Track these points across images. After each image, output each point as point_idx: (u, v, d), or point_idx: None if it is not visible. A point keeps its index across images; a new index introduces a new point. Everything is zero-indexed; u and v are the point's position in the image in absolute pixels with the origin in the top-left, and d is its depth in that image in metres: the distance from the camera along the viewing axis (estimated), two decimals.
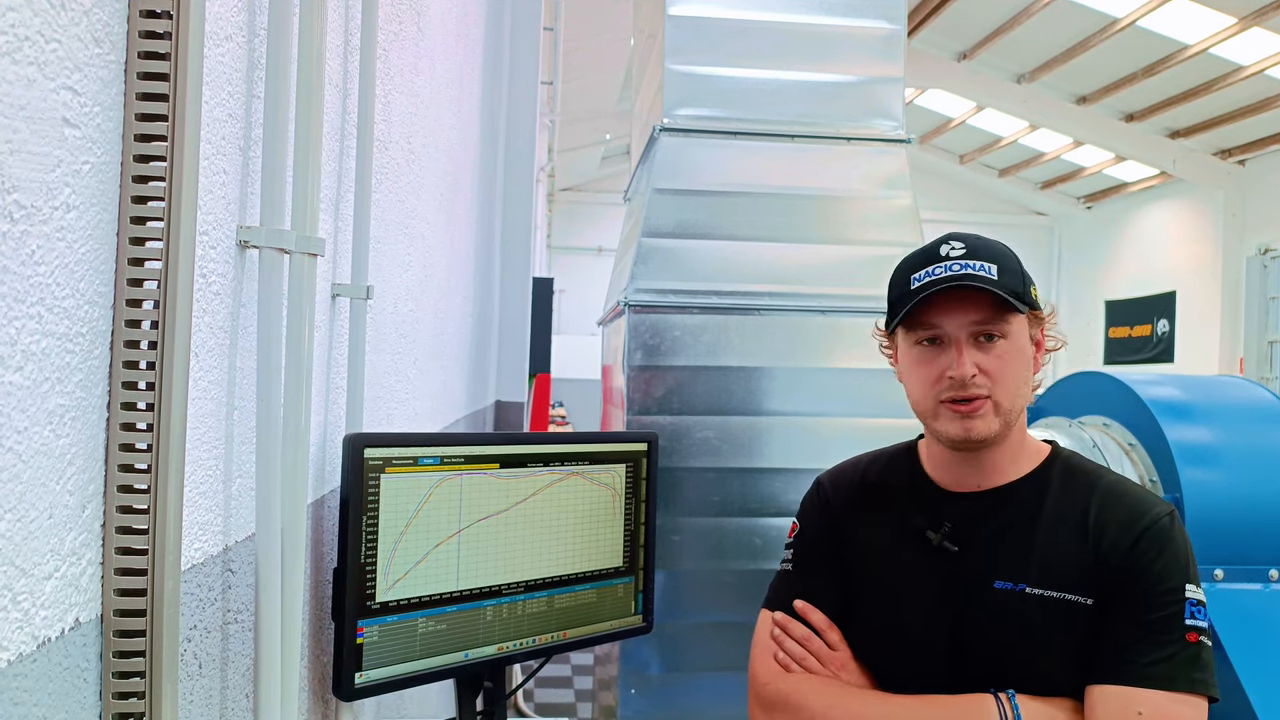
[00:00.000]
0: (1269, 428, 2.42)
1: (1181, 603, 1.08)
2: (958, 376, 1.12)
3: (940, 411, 1.15)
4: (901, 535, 1.23)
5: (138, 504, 0.70)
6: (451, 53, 2.47)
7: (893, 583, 1.22)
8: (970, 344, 1.14)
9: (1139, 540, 1.11)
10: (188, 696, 0.84)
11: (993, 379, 1.13)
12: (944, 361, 1.14)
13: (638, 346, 2.58)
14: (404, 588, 1.26)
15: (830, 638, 1.23)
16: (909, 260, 1.20)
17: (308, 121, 1.02)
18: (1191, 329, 12.26)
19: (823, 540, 1.30)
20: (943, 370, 1.14)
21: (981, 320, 1.13)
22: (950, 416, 1.14)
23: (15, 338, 0.57)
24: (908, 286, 1.16)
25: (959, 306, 1.13)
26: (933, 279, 1.13)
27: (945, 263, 1.15)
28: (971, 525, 1.19)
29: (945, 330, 1.14)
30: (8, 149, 0.55)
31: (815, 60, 2.86)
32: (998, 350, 1.14)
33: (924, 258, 1.17)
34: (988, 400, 1.13)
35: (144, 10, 0.70)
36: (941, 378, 1.14)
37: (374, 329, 1.55)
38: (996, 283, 1.11)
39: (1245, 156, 11.43)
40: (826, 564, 1.28)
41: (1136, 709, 1.04)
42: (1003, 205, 15.45)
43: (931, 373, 1.15)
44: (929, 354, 1.16)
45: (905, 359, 1.20)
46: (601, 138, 13.23)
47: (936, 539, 1.19)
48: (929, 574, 1.19)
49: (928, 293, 1.13)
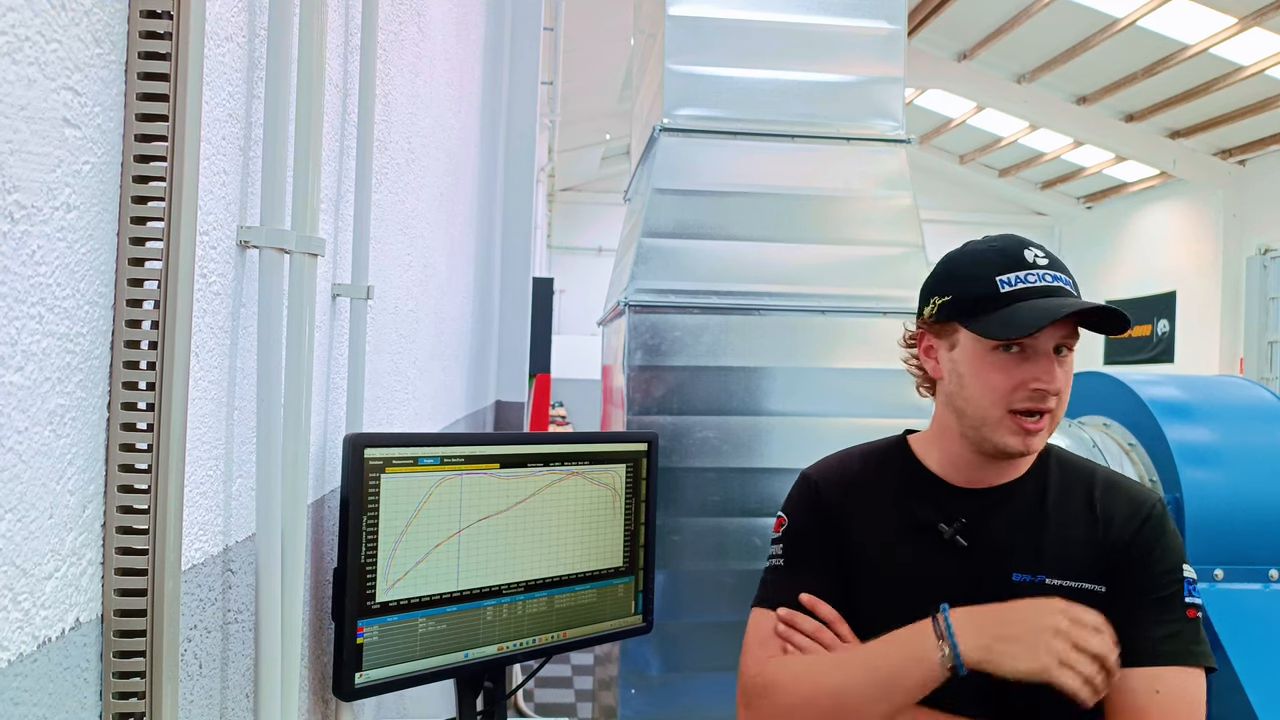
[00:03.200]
0: (1269, 428, 2.42)
1: (1181, 582, 1.15)
2: (1049, 389, 1.11)
3: (1005, 421, 1.13)
4: (904, 530, 1.22)
5: (138, 504, 0.70)
6: (452, 53, 2.47)
7: (896, 577, 1.21)
8: (1052, 357, 1.13)
9: (1143, 527, 1.17)
10: (188, 696, 0.84)
11: (1059, 395, 1.14)
12: (1027, 372, 1.12)
13: (638, 346, 2.58)
14: (404, 588, 1.26)
15: (840, 630, 1.20)
16: (986, 257, 1.16)
17: (308, 121, 1.02)
18: (1191, 329, 12.26)
19: (815, 533, 1.27)
20: (1023, 380, 1.12)
21: (1068, 335, 1.13)
22: (1014, 429, 1.13)
23: (16, 338, 0.57)
24: (995, 288, 1.12)
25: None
26: (1027, 287, 1.12)
27: (1036, 270, 1.13)
28: (982, 520, 1.19)
29: (1038, 341, 1.12)
30: (8, 149, 0.55)
31: (815, 60, 2.86)
32: (1066, 365, 1.14)
33: (1008, 260, 1.14)
34: (1049, 415, 1.14)
35: (144, 10, 0.70)
36: (1020, 387, 1.12)
37: (374, 329, 1.55)
38: (1090, 305, 1.10)
39: (1245, 156, 11.43)
40: (820, 558, 1.25)
41: (1155, 688, 1.09)
42: (1003, 205, 15.45)
43: (1009, 381, 1.12)
44: (1010, 361, 1.13)
45: (974, 362, 1.15)
46: (601, 138, 13.23)
47: (949, 533, 1.19)
48: (939, 569, 1.19)
49: (1042, 306, 1.10)
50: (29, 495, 0.59)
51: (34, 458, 0.59)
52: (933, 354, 1.22)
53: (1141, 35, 9.28)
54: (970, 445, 1.19)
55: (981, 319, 1.13)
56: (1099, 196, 14.26)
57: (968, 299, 1.15)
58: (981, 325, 1.13)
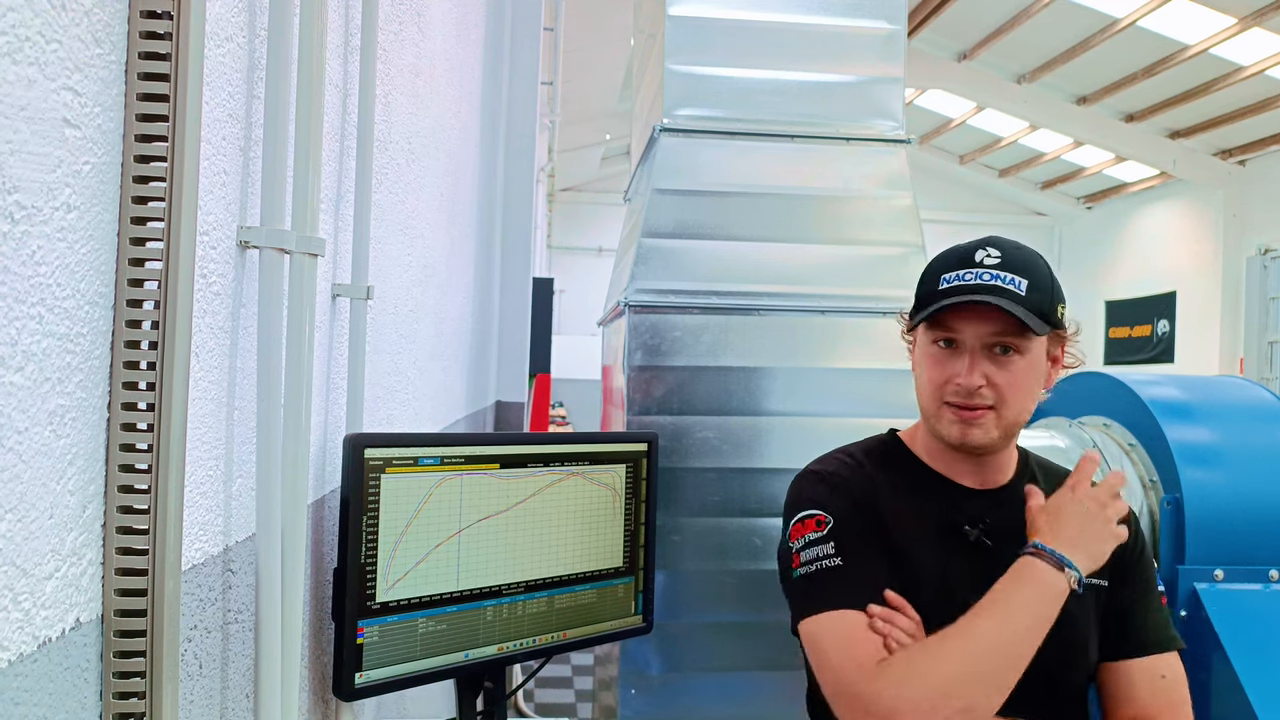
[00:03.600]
0: (1269, 428, 2.42)
1: (1154, 568, 1.26)
2: (965, 386, 1.14)
3: (942, 413, 1.18)
4: (925, 528, 1.22)
5: (138, 504, 0.70)
6: (452, 53, 2.47)
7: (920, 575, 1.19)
8: (984, 355, 1.15)
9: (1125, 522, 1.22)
10: (188, 696, 0.84)
11: (1000, 392, 1.15)
12: (955, 367, 1.16)
13: (638, 346, 2.58)
14: (404, 588, 1.26)
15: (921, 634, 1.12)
16: (944, 258, 1.21)
17: (308, 121, 1.02)
18: (1191, 329, 12.25)
19: (860, 523, 1.19)
20: (952, 375, 1.16)
21: (1000, 333, 1.14)
22: (950, 419, 1.17)
23: (16, 338, 0.57)
24: (936, 285, 1.18)
25: (981, 315, 1.14)
26: (960, 284, 1.15)
27: (977, 269, 1.16)
28: (997, 520, 1.22)
29: (962, 337, 1.16)
30: (8, 149, 0.55)
31: (815, 60, 2.86)
32: (1011, 365, 1.15)
33: (958, 259, 1.19)
34: (990, 411, 1.15)
35: (144, 10, 0.70)
36: (949, 381, 1.16)
37: (374, 329, 1.55)
38: (1023, 299, 1.12)
39: (1245, 156, 11.43)
40: (873, 548, 1.18)
41: (1160, 673, 1.18)
42: (1003, 205, 15.45)
43: (941, 374, 1.18)
44: (943, 356, 1.18)
45: (920, 354, 1.23)
46: (601, 138, 13.23)
47: (975, 535, 1.20)
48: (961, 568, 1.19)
49: (952, 300, 1.14)
50: (29, 495, 0.59)
51: (34, 458, 0.59)
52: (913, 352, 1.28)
53: (1141, 35, 9.28)
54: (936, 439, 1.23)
55: (916, 314, 1.21)
56: (1099, 196, 14.26)
57: (921, 297, 1.21)
58: (915, 318, 1.21)
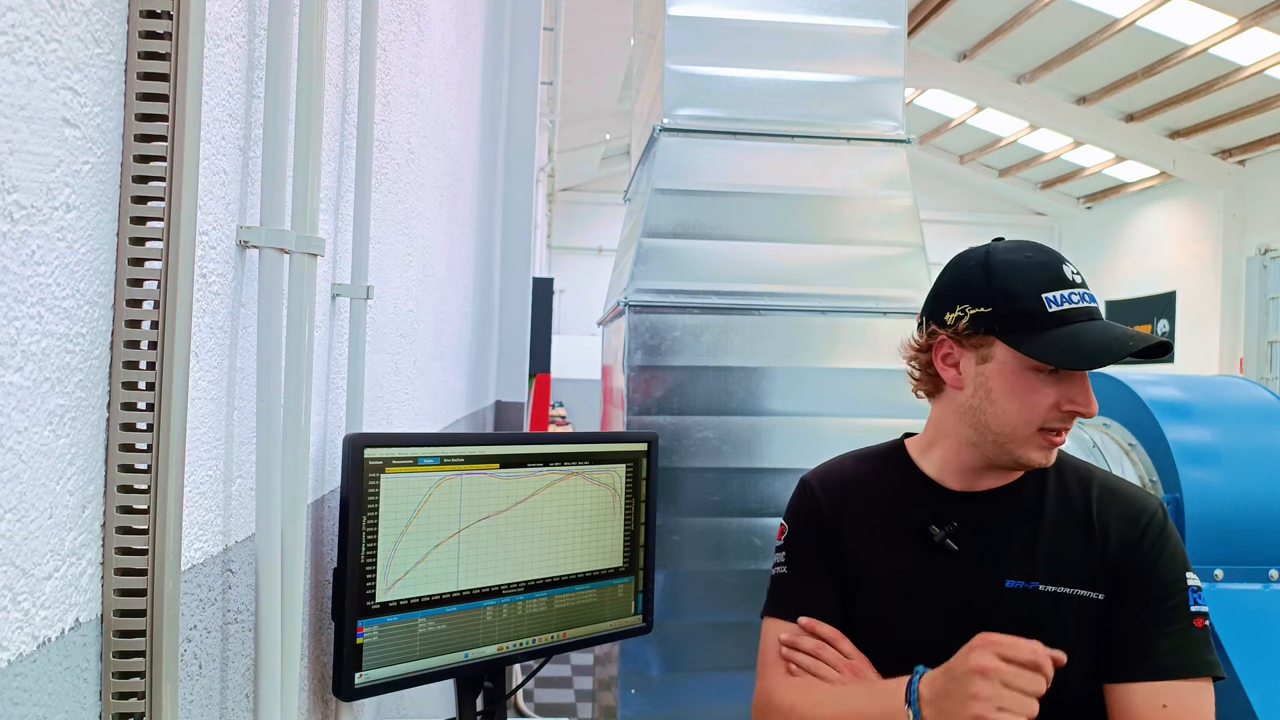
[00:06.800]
0: (1269, 428, 2.42)
1: (1185, 591, 1.12)
2: (1087, 414, 1.11)
3: (1034, 439, 1.12)
4: (897, 535, 1.21)
5: (138, 504, 0.70)
6: (452, 53, 2.47)
7: (888, 584, 1.20)
8: (1087, 378, 1.13)
9: (1144, 535, 1.14)
10: (188, 696, 0.84)
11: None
12: (1063, 393, 1.10)
13: (638, 346, 2.58)
14: (404, 588, 1.26)
15: (842, 647, 1.19)
16: (1023, 271, 1.12)
17: (308, 121, 1.02)
18: (1191, 329, 12.25)
19: (814, 541, 1.26)
20: (1058, 401, 1.10)
21: None
22: (1041, 445, 1.12)
23: (15, 338, 0.57)
24: (1042, 307, 1.09)
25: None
26: (1072, 308, 1.09)
27: (1079, 290, 1.11)
28: (975, 524, 1.18)
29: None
30: (8, 149, 0.55)
31: (815, 60, 2.86)
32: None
33: (1051, 277, 1.11)
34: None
35: (144, 10, 0.70)
36: (1055, 407, 1.10)
37: (374, 329, 1.55)
38: (1154, 340, 1.09)
39: (1245, 156, 11.43)
40: (821, 564, 1.25)
41: (1161, 702, 1.07)
42: (1003, 205, 15.45)
43: (1044, 400, 1.10)
44: (1048, 381, 1.10)
45: (1009, 378, 1.11)
46: (601, 138, 13.23)
47: (940, 536, 1.17)
48: (930, 575, 1.18)
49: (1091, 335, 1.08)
50: (29, 495, 0.59)
51: (34, 458, 0.59)
52: (952, 363, 1.16)
53: (1141, 35, 9.28)
54: (982, 456, 1.16)
55: (1030, 340, 1.08)
56: (1099, 196, 14.26)
57: (1011, 315, 1.10)
58: (1033, 347, 1.08)
